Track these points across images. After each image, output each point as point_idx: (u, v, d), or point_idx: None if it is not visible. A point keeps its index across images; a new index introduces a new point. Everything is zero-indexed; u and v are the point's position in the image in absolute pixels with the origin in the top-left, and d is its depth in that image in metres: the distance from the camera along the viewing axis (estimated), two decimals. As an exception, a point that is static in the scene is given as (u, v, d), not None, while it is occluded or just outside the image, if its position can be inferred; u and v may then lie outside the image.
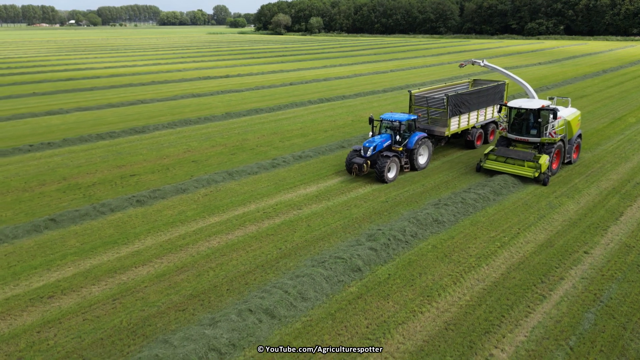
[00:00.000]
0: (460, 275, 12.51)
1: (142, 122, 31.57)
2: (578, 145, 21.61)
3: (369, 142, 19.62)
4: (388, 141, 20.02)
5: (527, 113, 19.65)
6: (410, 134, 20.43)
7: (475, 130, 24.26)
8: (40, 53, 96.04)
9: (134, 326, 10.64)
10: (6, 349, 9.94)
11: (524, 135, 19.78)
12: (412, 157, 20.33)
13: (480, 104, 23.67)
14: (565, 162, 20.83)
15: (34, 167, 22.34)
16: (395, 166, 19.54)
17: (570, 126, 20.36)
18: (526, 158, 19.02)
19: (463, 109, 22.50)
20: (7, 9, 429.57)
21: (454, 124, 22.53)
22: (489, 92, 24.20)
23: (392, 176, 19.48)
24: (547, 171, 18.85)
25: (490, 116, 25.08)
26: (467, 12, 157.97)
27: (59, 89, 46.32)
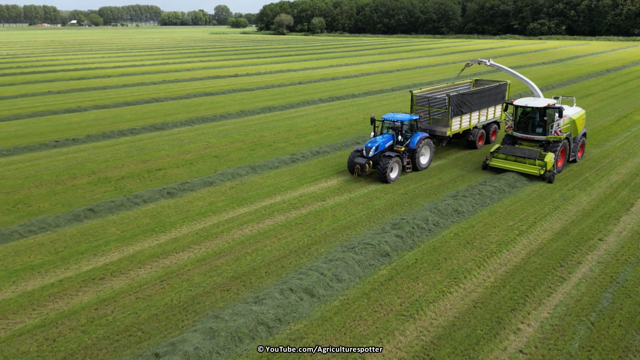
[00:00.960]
0: (483, 260, 13.31)
1: (160, 119, 32.38)
2: (583, 144, 21.88)
3: (371, 142, 19.64)
4: (390, 141, 20.08)
5: (533, 111, 19.96)
6: (412, 134, 20.48)
7: (476, 131, 24.24)
8: (47, 53, 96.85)
9: (184, 304, 11.45)
10: (69, 324, 10.75)
11: (530, 134, 20.06)
12: (414, 157, 20.39)
13: (482, 104, 23.65)
14: (570, 160, 21.10)
15: (63, 161, 23.15)
16: (398, 166, 19.63)
17: (575, 125, 20.65)
18: (532, 156, 19.30)
19: (465, 109, 22.50)
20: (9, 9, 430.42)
21: (455, 124, 22.54)
22: (490, 93, 24.18)
23: (394, 176, 19.56)
24: (552, 169, 19.15)
25: (492, 116, 25.09)
26: (469, 13, 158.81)
27: (73, 87, 47.13)
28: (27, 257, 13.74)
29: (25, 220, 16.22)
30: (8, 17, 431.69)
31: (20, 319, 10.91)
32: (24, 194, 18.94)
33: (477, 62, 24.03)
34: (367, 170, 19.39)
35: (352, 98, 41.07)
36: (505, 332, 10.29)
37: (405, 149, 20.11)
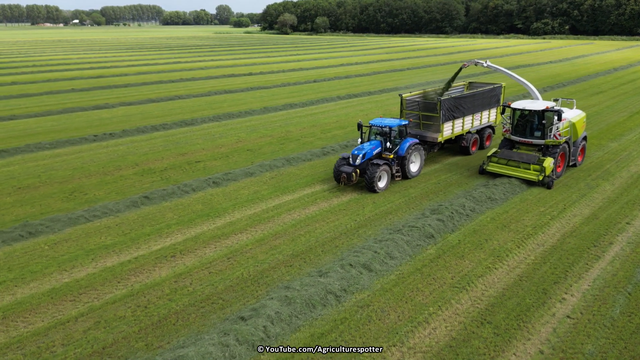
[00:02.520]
0: (522, 241, 14.41)
1: (188, 115, 33.48)
2: (583, 148, 21.21)
3: (358, 149, 18.67)
4: (378, 148, 19.06)
5: (531, 114, 19.35)
6: (401, 141, 19.49)
7: (470, 136, 23.12)
8: (57, 52, 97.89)
9: (254, 277, 12.56)
10: (154, 293, 11.85)
11: (528, 137, 19.47)
12: (404, 165, 19.34)
13: (475, 108, 22.69)
14: (570, 164, 20.48)
15: (105, 154, 24.25)
16: (386, 175, 18.60)
17: (575, 128, 19.96)
18: (530, 161, 18.70)
19: (457, 114, 21.53)
20: (12, 9, 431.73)
21: (447, 130, 21.58)
22: (484, 96, 23.20)
23: (382, 185, 18.53)
24: (551, 174, 18.56)
25: (487, 120, 24.11)
26: (472, 12, 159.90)
27: (94, 85, 48.22)
28: (98, 238, 14.84)
29: (84, 207, 17.32)
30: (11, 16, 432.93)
31: (109, 290, 12.01)
32: (76, 183, 20.03)
33: (474, 63, 22.61)
34: (353, 179, 18.33)
35: (368, 95, 42.16)
36: (552, 301, 11.37)
37: (394, 156, 19.16)
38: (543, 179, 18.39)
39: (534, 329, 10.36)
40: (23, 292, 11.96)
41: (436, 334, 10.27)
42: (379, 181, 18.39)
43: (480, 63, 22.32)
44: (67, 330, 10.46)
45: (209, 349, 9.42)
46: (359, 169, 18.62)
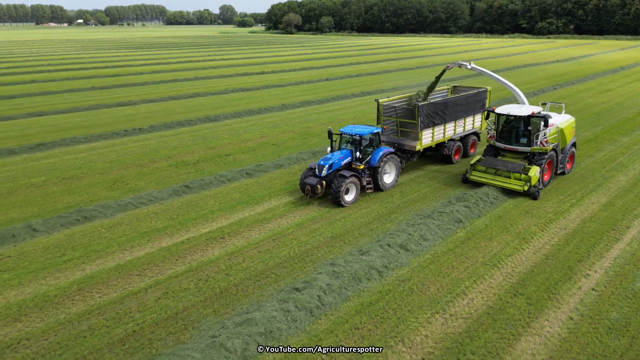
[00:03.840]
0: (545, 225, 15.46)
1: (210, 112, 34.58)
2: (572, 155, 20.22)
3: (325, 159, 17.39)
4: (347, 158, 17.77)
5: (516, 120, 18.34)
6: (374, 150, 18.16)
7: (452, 143, 21.76)
8: (68, 51, 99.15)
9: (301, 255, 13.64)
10: (211, 269, 12.94)
11: (513, 144, 18.49)
12: (376, 176, 18.06)
13: (458, 114, 21.39)
14: (558, 172, 19.54)
15: (137, 148, 25.37)
16: (355, 187, 17.26)
17: (564, 134, 19.03)
18: (515, 170, 17.69)
19: (437, 120, 20.29)
20: (17, 9, 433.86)
21: (426, 137, 20.24)
22: (468, 101, 21.82)
23: (350, 199, 17.20)
24: (537, 184, 17.61)
25: (471, 127, 22.76)
26: (477, 12, 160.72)
27: (113, 83, 49.38)
28: (149, 222, 15.95)
29: (129, 195, 18.43)
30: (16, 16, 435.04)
31: (170, 266, 13.11)
32: (116, 174, 21.15)
33: (457, 65, 21.36)
34: (318, 191, 16.99)
35: (382, 92, 43.16)
36: (577, 277, 12.42)
37: (366, 167, 17.96)
38: (528, 189, 17.34)
39: (563, 300, 11.41)
40: (91, 268, 13.07)
41: (474, 303, 11.33)
42: (346, 194, 17.09)
43: (464, 65, 21.07)
44: (140, 299, 11.57)
45: (273, 313, 10.51)
46: (325, 181, 17.24)
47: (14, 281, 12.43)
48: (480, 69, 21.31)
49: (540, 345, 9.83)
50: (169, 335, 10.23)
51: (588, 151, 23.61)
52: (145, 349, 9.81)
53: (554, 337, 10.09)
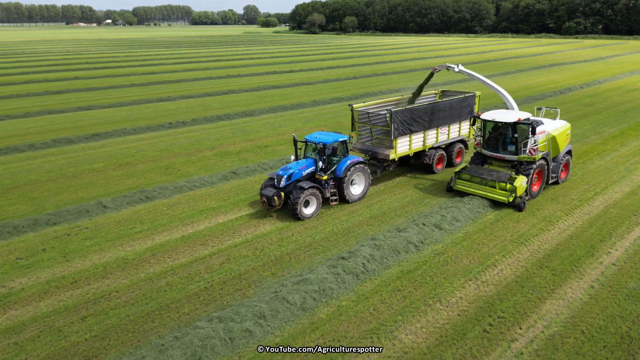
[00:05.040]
0: (570, 210, 16.58)
1: (245, 107, 36.40)
2: (567, 163, 19.08)
3: (284, 169, 16.34)
4: (310, 168, 16.63)
5: (503, 127, 17.33)
6: (340, 159, 17.09)
7: (433, 152, 20.33)
8: (102, 50, 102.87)
9: (343, 231, 15.12)
10: (265, 240, 14.53)
11: (500, 152, 17.46)
12: (342, 187, 16.93)
13: (440, 121, 20.05)
14: (551, 182, 18.45)
15: (183, 139, 27.27)
16: (316, 200, 16.15)
17: (556, 142, 17.91)
18: (500, 179, 16.77)
19: (415, 127, 19.00)
20: (49, 9, 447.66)
21: (402, 145, 19.03)
22: (453, 106, 20.44)
23: (309, 212, 16.08)
24: (524, 195, 16.67)
25: (456, 134, 21.33)
26: (503, 12, 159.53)
27: (149, 81, 51.81)
28: (204, 202, 17.67)
29: (182, 179, 20.21)
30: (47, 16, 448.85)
31: (228, 238, 14.77)
32: (167, 161, 23.00)
33: (445, 68, 20.39)
34: (275, 203, 15.79)
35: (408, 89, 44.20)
36: (599, 254, 13.57)
37: (330, 177, 16.87)
38: (514, 200, 16.48)
39: (585, 272, 12.60)
40: (160, 238, 14.83)
41: (503, 273, 12.63)
42: (306, 207, 16.05)
43: (451, 67, 20.12)
44: (206, 263, 13.24)
45: (324, 276, 12.02)
46: (283, 192, 16.06)
47: (96, 247, 14.27)
48: (468, 71, 20.39)
49: (564, 307, 11.08)
50: (236, 291, 11.85)
51: (614, 146, 24.43)
52: (217, 301, 11.44)
53: (576, 301, 11.33)
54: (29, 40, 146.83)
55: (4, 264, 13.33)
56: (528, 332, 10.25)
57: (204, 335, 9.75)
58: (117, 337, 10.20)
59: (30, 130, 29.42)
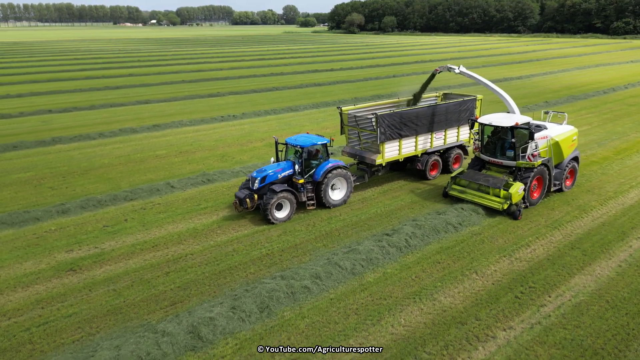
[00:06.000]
0: (604, 201, 17.39)
1: (290, 103, 38.30)
2: (573, 170, 18.28)
3: (259, 171, 16.24)
4: (288, 171, 16.35)
5: (502, 131, 16.79)
6: (319, 163, 16.73)
7: (427, 158, 19.65)
8: (151, 49, 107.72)
9: (387, 213, 16.56)
10: (315, 218, 16.15)
11: (498, 157, 16.92)
12: (320, 192, 16.57)
13: (435, 125, 19.32)
14: (554, 190, 17.79)
15: (234, 131, 29.36)
16: (289, 204, 15.90)
17: (560, 148, 17.19)
18: (496, 185, 16.20)
19: (405, 132, 18.38)
20: (97, 9, 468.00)
21: (391, 150, 18.47)
22: (449, 110, 19.59)
23: (282, 216, 15.83)
24: (520, 202, 16.02)
25: (454, 140, 20.53)
26: (548, 11, 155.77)
27: (198, 78, 54.69)
28: (259, 185, 19.49)
29: (238, 165, 22.13)
30: (97, 16, 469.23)
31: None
32: (222, 150, 25.04)
33: (446, 69, 19.92)
34: (248, 205, 15.67)
35: (448, 89, 45.07)
36: (629, 239, 14.45)
37: (308, 181, 16.57)
38: (508, 207, 15.97)
39: (614, 254, 13.56)
40: (224, 213, 16.73)
41: (536, 252, 13.75)
42: (279, 210, 15.85)
43: (452, 69, 19.67)
44: (266, 235, 15.02)
45: (371, 247, 13.53)
46: (257, 194, 15.93)
47: (169, 219, 16.31)
48: (469, 73, 19.81)
49: (591, 282, 12.15)
50: (293, 258, 13.53)
51: (654, 144, 24.76)
52: (277, 265, 13.16)
53: (603, 277, 12.36)
54: (81, 39, 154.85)
55: (94, 230, 15.54)
56: (556, 300, 11.41)
57: (270, 289, 11.45)
58: (196, 288, 12.07)
59: (97, 120, 32.29)
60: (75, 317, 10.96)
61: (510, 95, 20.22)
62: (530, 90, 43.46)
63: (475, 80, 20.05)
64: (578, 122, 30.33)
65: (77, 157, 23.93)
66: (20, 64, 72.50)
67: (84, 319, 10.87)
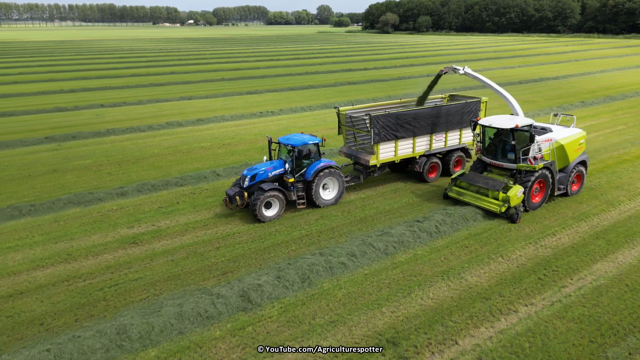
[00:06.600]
0: (633, 197, 17.83)
1: (324, 100, 39.59)
2: (580, 174, 17.91)
3: (250, 169, 16.54)
4: (279, 169, 16.56)
5: (504, 133, 16.62)
6: (311, 162, 16.93)
7: (424, 160, 19.46)
8: (189, 49, 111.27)
9: (418, 202, 17.56)
10: (351, 205, 17.32)
11: (499, 160, 16.77)
12: (310, 191, 16.70)
13: (435, 127, 19.20)
14: (558, 194, 17.46)
15: (272, 126, 30.85)
16: (278, 202, 16.09)
17: (565, 151, 16.86)
18: (495, 188, 16.08)
19: (402, 133, 18.33)
20: (138, 10, 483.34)
21: (386, 151, 18.44)
22: (450, 112, 19.38)
23: (271, 214, 16.00)
24: (518, 206, 15.80)
25: (456, 142, 20.31)
26: (589, 11, 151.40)
27: (237, 76, 56.72)
28: (297, 175, 20.80)
29: (276, 157, 23.49)
30: (137, 17, 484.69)
31: (320, 202, 17.77)
32: (262, 143, 26.46)
33: (452, 69, 19.62)
34: (238, 203, 16.00)
35: (482, 89, 45.33)
36: (655, 232, 14.99)
37: (298, 180, 16.77)
38: (506, 210, 15.80)
39: (638, 243, 14.14)
40: (265, 199, 18.09)
41: (561, 241, 14.48)
42: (268, 209, 16.06)
43: (457, 69, 19.41)
44: (304, 218, 16.30)
45: (403, 231, 14.60)
46: (247, 192, 16.23)
47: (216, 202, 17.84)
48: (473, 74, 19.46)
49: (613, 268, 12.83)
50: (330, 239, 14.75)
51: (691, 144, 24.69)
52: (316, 244, 14.40)
53: (625, 264, 13.02)
54: (123, 39, 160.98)
55: (150, 211, 17.22)
56: (577, 282, 12.19)
57: (310, 263, 12.70)
58: (244, 261, 13.45)
59: (145, 115, 34.47)
60: (141, 281, 12.52)
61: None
62: (566, 90, 43.16)
63: (480, 81, 19.60)
64: (614, 122, 30.38)
65: (130, 147, 25.92)
66: (70, 61, 76.64)
67: (148, 283, 12.41)
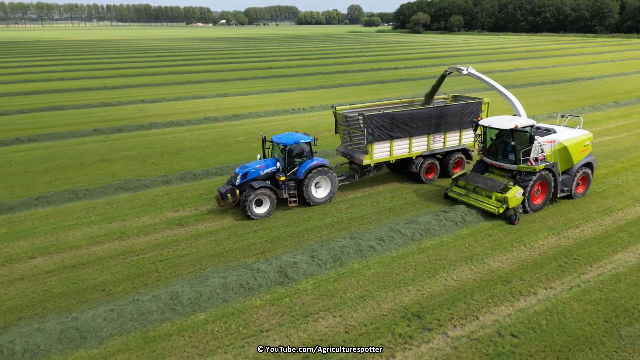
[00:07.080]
0: (658, 194, 18.11)
1: (354, 98, 40.42)
2: (585, 177, 17.61)
3: (242, 167, 16.83)
4: (271, 168, 16.83)
5: (506, 134, 16.47)
6: (303, 161, 17.12)
7: (421, 160, 19.35)
8: (222, 48, 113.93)
9: (441, 196, 18.29)
10: (380, 196, 18.23)
11: (500, 161, 16.73)
12: (302, 189, 16.91)
13: (433, 127, 19.09)
14: (562, 196, 17.30)
15: (304, 122, 31.99)
16: (269, 200, 16.28)
17: (568, 153, 16.63)
18: (494, 188, 16.03)
19: (397, 133, 18.31)
20: (172, 10, 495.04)
21: (381, 151, 18.46)
22: (449, 113, 19.19)
23: (262, 212, 16.24)
24: (517, 207, 15.75)
25: (456, 143, 20.11)
26: (628, 10, 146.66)
27: (268, 75, 58.27)
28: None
29: (308, 151, 24.57)
30: (171, 17, 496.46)
31: (350, 193, 18.70)
32: (294, 138, 27.63)
33: (456, 70, 19.71)
34: (229, 200, 16.28)
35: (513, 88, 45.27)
36: (679, 227, 15.30)
37: (290, 179, 17.00)
38: (504, 211, 15.72)
39: (661, 238, 14.55)
40: (298, 189, 19.21)
41: (584, 233, 15.00)
42: (258, 206, 16.30)
43: (461, 70, 19.45)
44: (335, 207, 17.35)
45: (430, 220, 15.42)
46: (239, 190, 16.51)
47: (253, 191, 19.06)
48: (477, 74, 19.46)
49: (633, 258, 13.33)
50: (360, 225, 15.71)
51: None
52: (346, 229, 15.40)
53: (646, 255, 13.49)
54: (159, 38, 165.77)
55: (193, 197, 18.58)
56: (597, 270, 12.76)
57: (341, 245, 13.71)
58: (280, 243, 14.57)
59: (183, 110, 36.22)
60: (188, 257, 13.80)
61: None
62: (600, 90, 42.66)
63: (484, 82, 19.54)
64: (646, 121, 30.18)
65: (171, 140, 27.53)
66: (111, 59, 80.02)
67: (194, 259, 13.68)
